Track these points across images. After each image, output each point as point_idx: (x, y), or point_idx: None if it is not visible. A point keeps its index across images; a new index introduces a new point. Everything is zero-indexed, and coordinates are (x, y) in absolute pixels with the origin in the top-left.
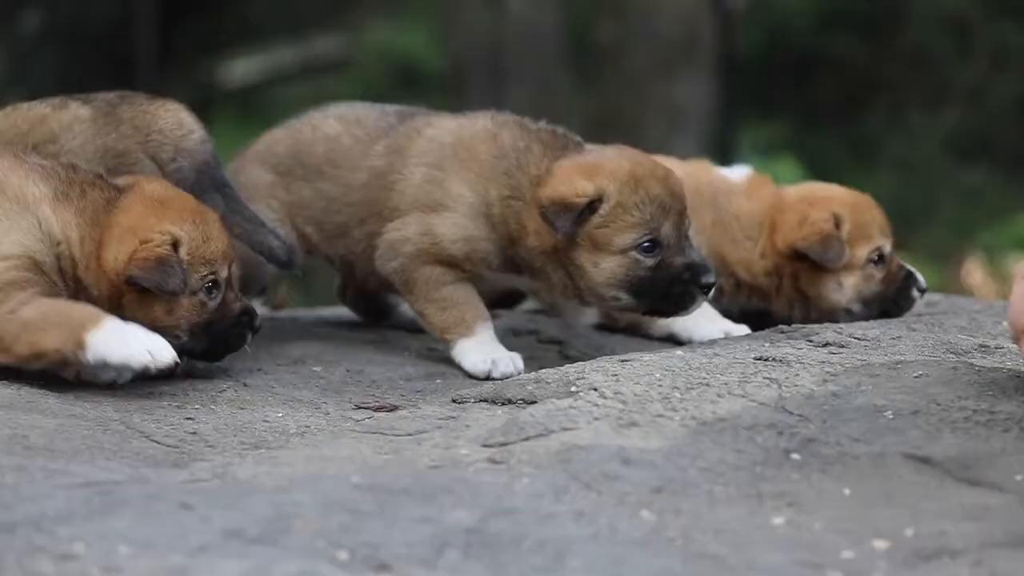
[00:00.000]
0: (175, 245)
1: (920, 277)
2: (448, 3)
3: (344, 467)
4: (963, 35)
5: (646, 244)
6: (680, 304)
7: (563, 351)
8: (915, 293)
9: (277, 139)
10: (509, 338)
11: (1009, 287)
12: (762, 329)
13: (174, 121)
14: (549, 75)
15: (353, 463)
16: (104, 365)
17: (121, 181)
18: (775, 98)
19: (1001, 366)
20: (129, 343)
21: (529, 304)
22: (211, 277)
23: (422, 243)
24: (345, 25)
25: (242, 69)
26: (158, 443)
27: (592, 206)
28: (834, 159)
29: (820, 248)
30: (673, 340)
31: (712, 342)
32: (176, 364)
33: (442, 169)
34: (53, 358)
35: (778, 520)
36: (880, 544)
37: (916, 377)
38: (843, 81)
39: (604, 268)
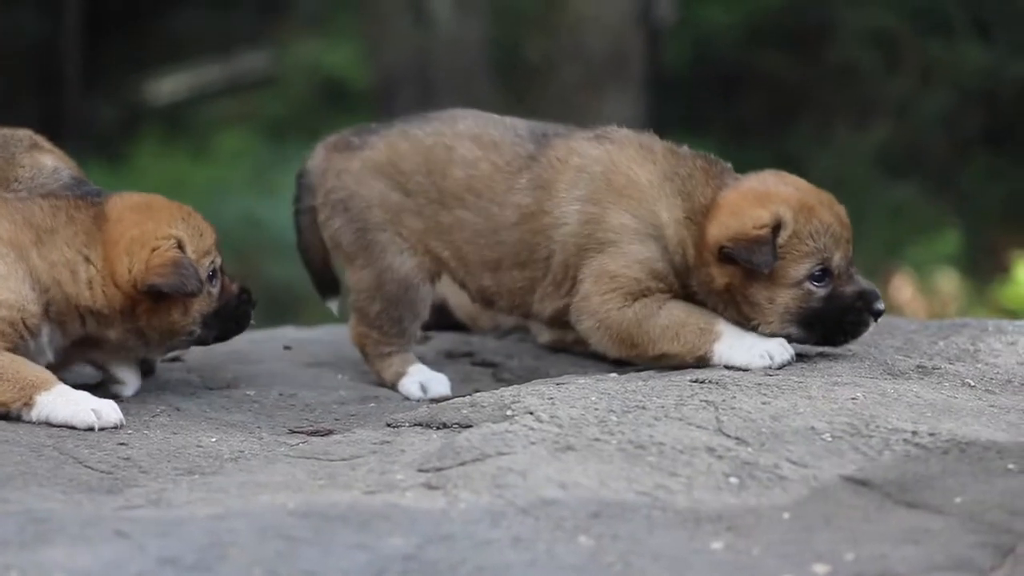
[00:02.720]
0: (180, 246)
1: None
2: (375, 19)
3: (279, 493)
4: (891, 50)
5: (818, 273)
6: (853, 332)
7: (497, 374)
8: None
9: (403, 153)
10: (443, 360)
11: (941, 303)
12: None
13: (31, 165)
14: (477, 91)
15: (288, 489)
16: (45, 422)
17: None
18: (703, 113)
19: (939, 387)
20: (77, 403)
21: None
22: (211, 267)
23: (603, 289)
24: (271, 42)
25: (169, 86)
26: (92, 469)
27: (775, 232)
28: None
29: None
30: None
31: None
32: (122, 424)
33: (597, 203)
34: None
35: (717, 544)
36: (820, 568)
37: (853, 399)
38: (771, 96)
39: (779, 303)
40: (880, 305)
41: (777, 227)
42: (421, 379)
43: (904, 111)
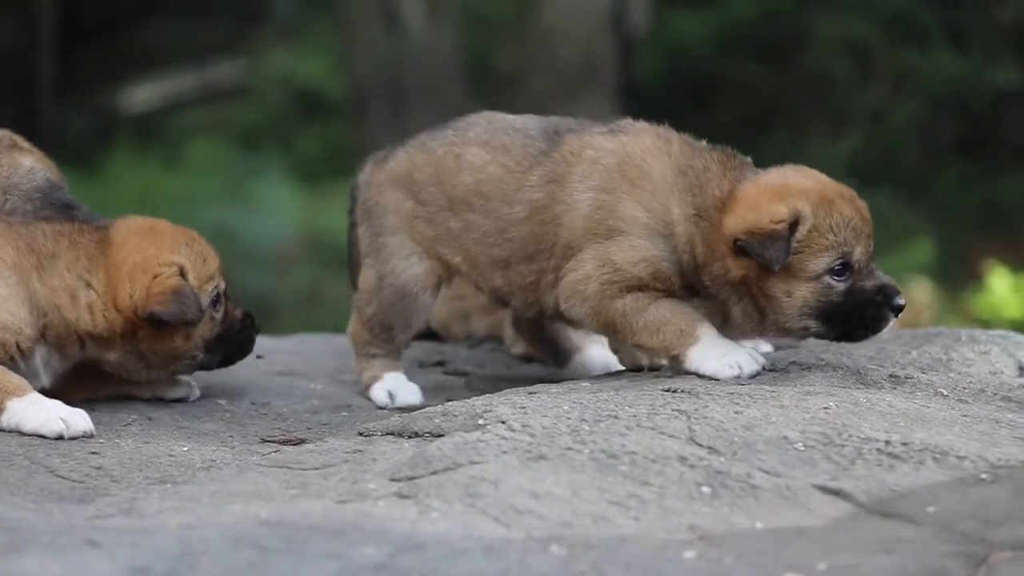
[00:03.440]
0: (182, 273)
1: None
2: (348, 29)
3: (251, 502)
4: (863, 59)
5: (838, 267)
6: (872, 328)
7: (469, 383)
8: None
9: (416, 164)
10: (415, 369)
11: (914, 312)
12: None
13: (8, 165)
14: (450, 99)
15: (260, 498)
16: (16, 429)
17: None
18: (676, 122)
19: (912, 396)
20: (48, 411)
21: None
22: (215, 292)
23: (603, 276)
24: (245, 51)
25: (142, 95)
26: (63, 478)
27: (792, 228)
28: None
29: None
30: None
31: (619, 373)
32: (92, 434)
33: (610, 192)
34: None
35: (689, 554)
36: None
37: (826, 409)
38: (744, 105)
39: (797, 297)
40: (901, 300)
41: (795, 223)
42: (390, 387)
43: (877, 120)
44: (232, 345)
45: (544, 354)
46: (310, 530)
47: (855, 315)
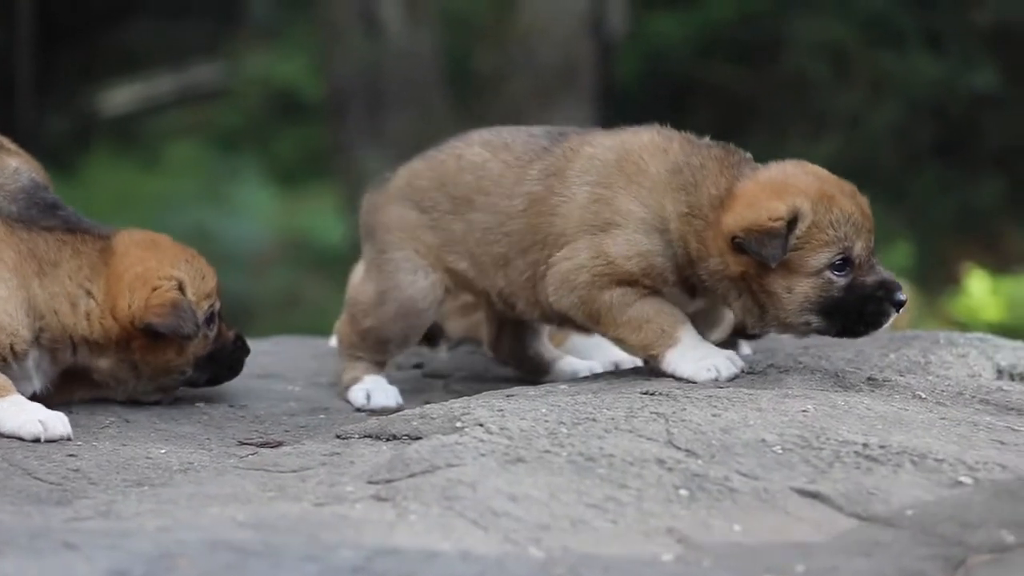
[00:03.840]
0: (181, 288)
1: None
2: (326, 31)
3: (228, 505)
4: (842, 62)
5: (838, 262)
6: (874, 323)
7: (447, 385)
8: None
9: (418, 173)
10: (393, 372)
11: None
12: None
13: None
14: (428, 102)
15: (237, 501)
16: None
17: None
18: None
19: (890, 399)
20: (27, 413)
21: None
22: (210, 310)
23: (596, 268)
24: (224, 53)
25: (121, 97)
26: (41, 480)
27: (790, 226)
28: None
29: None
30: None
31: (597, 376)
32: (70, 438)
33: (607, 186)
34: None
35: (667, 557)
36: None
37: (804, 411)
38: (722, 108)
39: (798, 292)
40: (902, 296)
41: (793, 220)
42: (368, 387)
43: (855, 123)
44: (222, 365)
45: (524, 372)
46: (287, 533)
47: (856, 310)
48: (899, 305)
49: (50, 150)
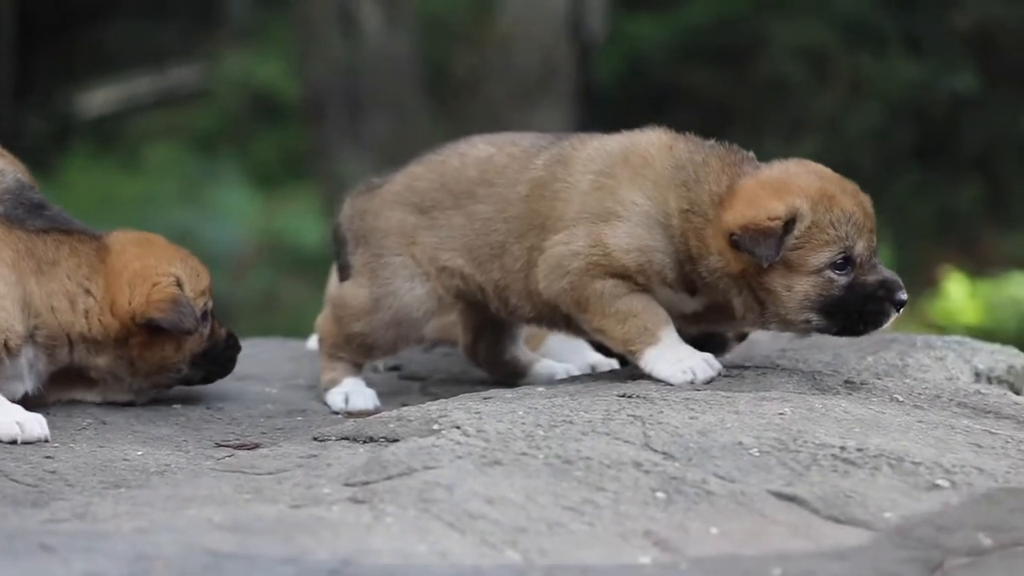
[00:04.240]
0: (179, 284)
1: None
2: (304, 32)
3: (205, 507)
4: (820, 65)
5: (839, 261)
6: (874, 322)
7: (424, 387)
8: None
9: (417, 176)
10: (369, 374)
11: None
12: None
13: None
14: (407, 104)
15: (214, 503)
16: None
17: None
18: (633, 128)
19: (867, 402)
20: (4, 414)
21: None
22: (204, 307)
23: (592, 256)
24: (203, 55)
25: (99, 98)
26: (17, 482)
27: (787, 227)
28: None
29: None
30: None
31: (574, 378)
32: (47, 440)
33: (612, 176)
34: None
35: (644, 560)
36: None
37: (781, 414)
38: (701, 110)
39: (798, 291)
40: (903, 295)
41: (791, 220)
42: (347, 390)
43: (834, 126)
44: (216, 363)
45: (500, 376)
46: (264, 535)
47: (856, 309)
48: (900, 305)
49: (29, 151)
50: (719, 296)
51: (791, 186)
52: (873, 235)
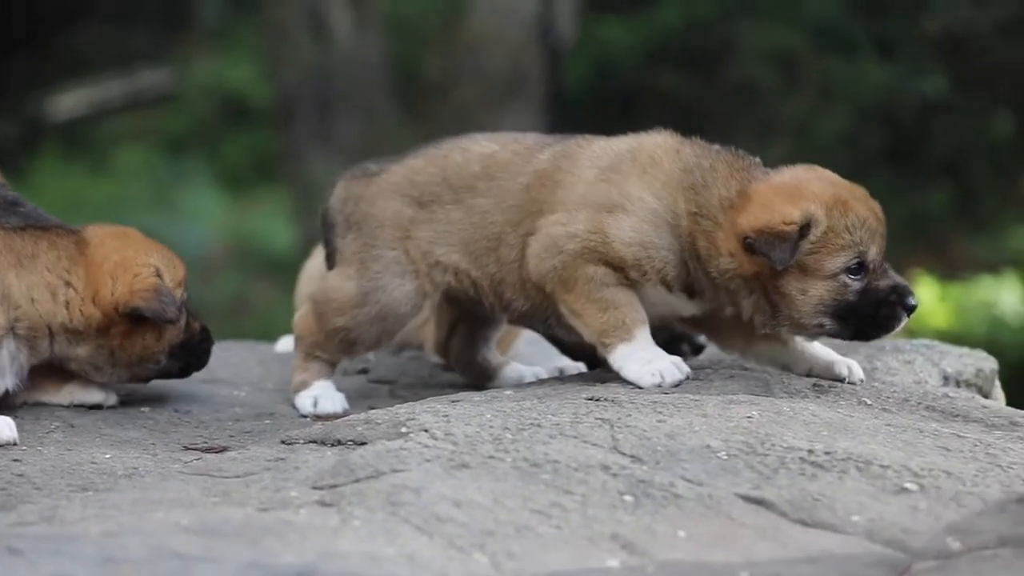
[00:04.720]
0: (159, 274)
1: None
2: (275, 36)
3: (173, 510)
4: (789, 69)
5: (854, 266)
6: (886, 327)
7: (393, 391)
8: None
9: (417, 169)
10: (339, 377)
11: None
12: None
13: None
14: (377, 107)
15: (181, 506)
16: None
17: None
18: (603, 132)
19: (835, 405)
20: None
21: None
22: (181, 299)
23: (590, 241)
24: (172, 58)
25: (69, 102)
26: None
27: (803, 232)
28: None
29: None
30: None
31: (542, 382)
32: (15, 443)
33: (619, 172)
34: None
35: (612, 563)
36: None
37: (749, 417)
38: (671, 114)
39: (812, 295)
40: (913, 300)
41: (807, 226)
42: (316, 394)
43: (803, 130)
44: (192, 354)
45: (469, 377)
46: (231, 538)
47: (869, 314)
48: (911, 309)
49: None
50: (724, 298)
51: (805, 192)
52: (884, 240)
